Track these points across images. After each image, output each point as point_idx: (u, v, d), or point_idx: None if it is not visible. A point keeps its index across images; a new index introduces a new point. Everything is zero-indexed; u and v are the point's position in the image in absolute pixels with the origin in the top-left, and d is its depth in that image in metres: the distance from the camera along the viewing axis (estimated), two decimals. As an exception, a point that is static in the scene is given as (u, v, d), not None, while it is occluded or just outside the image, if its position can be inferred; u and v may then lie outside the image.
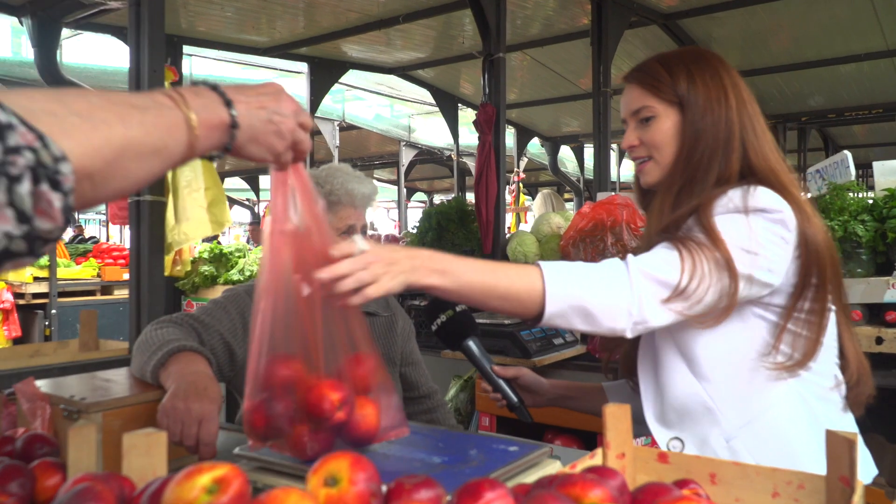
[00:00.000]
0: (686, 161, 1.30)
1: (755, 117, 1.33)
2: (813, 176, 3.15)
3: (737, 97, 1.32)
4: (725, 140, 1.29)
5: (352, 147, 10.45)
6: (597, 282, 1.16)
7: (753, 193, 1.23)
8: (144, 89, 2.64)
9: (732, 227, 1.21)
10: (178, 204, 2.79)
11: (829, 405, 1.31)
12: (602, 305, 1.14)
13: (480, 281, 1.10)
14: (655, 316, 1.16)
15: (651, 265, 1.18)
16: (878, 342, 2.57)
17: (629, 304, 1.14)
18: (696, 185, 1.28)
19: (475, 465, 0.97)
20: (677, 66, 1.33)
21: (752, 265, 1.20)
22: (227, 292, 1.77)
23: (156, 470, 0.90)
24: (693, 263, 1.16)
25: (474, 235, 3.85)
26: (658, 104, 1.33)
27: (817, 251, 1.24)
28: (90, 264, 6.13)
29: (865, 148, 10.02)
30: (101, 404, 1.27)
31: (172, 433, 1.22)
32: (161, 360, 1.40)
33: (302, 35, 5.45)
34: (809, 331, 1.25)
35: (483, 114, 3.81)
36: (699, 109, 1.30)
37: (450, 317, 1.48)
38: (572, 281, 1.15)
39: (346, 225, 1.72)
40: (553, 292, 1.13)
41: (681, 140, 1.31)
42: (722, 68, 1.35)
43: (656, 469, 1.05)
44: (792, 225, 1.23)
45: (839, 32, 5.52)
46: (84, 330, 2.20)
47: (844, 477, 0.88)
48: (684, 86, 1.31)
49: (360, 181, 1.74)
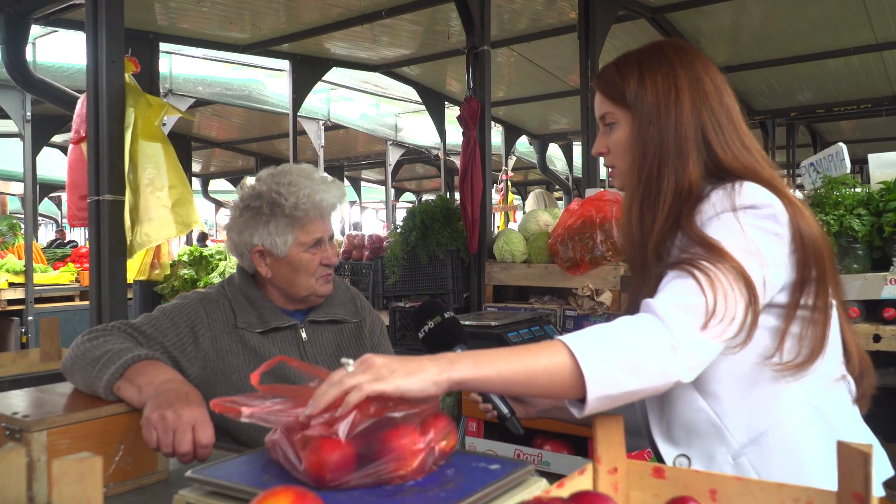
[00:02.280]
0: (638, 169, 1.24)
1: (722, 113, 1.24)
2: (807, 169, 3.08)
3: (696, 94, 1.23)
4: (676, 146, 1.21)
5: (338, 147, 10.36)
6: (627, 336, 1.04)
7: (739, 191, 1.16)
8: (103, 81, 2.54)
9: (727, 232, 1.14)
10: (139, 203, 2.68)
11: (842, 409, 1.26)
12: (644, 352, 1.02)
13: (497, 367, 0.99)
14: (700, 348, 1.05)
15: (673, 297, 1.08)
16: (876, 340, 2.50)
17: (671, 342, 1.03)
18: (653, 196, 1.22)
19: (451, 488, 0.87)
20: (629, 69, 1.26)
21: (762, 265, 1.12)
22: (179, 299, 1.65)
23: (90, 499, 0.80)
24: (711, 282, 1.07)
25: (460, 234, 3.76)
26: (616, 110, 1.27)
27: (814, 244, 1.19)
28: (68, 269, 5.99)
29: (854, 143, 10.01)
30: (46, 422, 1.16)
31: (164, 444, 1.18)
32: (116, 372, 1.29)
33: (284, 31, 5.36)
34: (814, 327, 1.19)
35: (467, 109, 3.71)
36: (646, 115, 1.23)
37: (437, 323, 1.40)
38: (600, 342, 1.03)
39: (314, 239, 1.62)
40: (586, 358, 1.00)
41: (634, 148, 1.26)
42: (680, 64, 1.25)
43: (651, 485, 0.97)
44: (783, 219, 1.17)
45: (828, 26, 5.49)
46: (45, 339, 2.08)
47: (858, 493, 0.80)
48: (633, 90, 1.25)
49: (327, 187, 1.62)
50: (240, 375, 1.57)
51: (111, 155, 2.61)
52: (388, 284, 3.93)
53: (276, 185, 1.60)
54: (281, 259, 1.62)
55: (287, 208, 1.58)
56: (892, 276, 2.48)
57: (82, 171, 2.78)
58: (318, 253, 1.63)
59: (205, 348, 1.56)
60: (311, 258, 1.62)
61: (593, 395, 0.98)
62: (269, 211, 1.59)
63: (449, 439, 0.96)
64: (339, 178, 12.20)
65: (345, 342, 1.74)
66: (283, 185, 1.60)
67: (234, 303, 1.64)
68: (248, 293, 1.66)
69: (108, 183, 2.56)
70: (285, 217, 1.59)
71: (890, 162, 2.75)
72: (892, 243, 2.55)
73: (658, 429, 1.31)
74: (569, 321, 3.09)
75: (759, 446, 1.20)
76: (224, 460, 1.02)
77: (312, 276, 1.63)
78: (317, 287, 1.65)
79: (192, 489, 0.96)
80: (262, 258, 1.64)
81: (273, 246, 1.61)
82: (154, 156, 2.76)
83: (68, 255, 6.64)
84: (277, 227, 1.59)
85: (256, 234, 1.61)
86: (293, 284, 1.64)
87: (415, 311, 1.46)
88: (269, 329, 1.63)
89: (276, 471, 0.96)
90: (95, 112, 2.62)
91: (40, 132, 6.30)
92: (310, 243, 1.61)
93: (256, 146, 10.18)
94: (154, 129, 2.81)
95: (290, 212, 1.58)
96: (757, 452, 1.20)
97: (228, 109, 7.97)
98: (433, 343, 1.42)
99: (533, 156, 9.96)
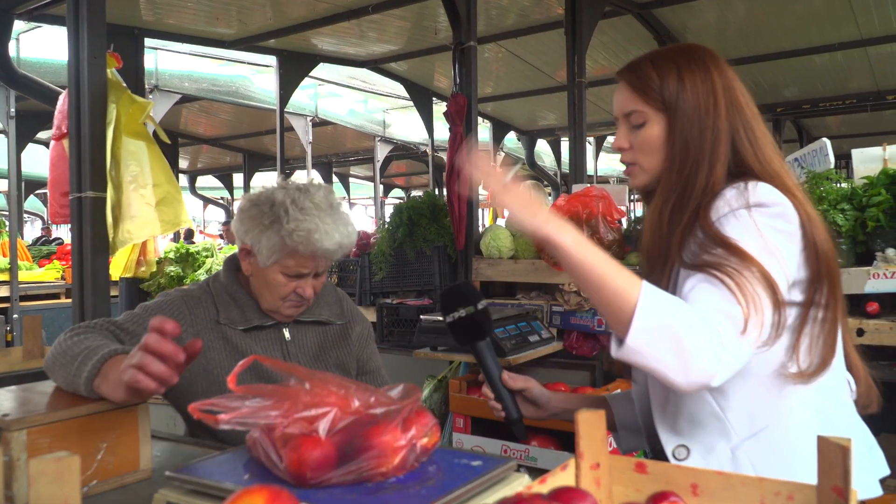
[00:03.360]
0: (678, 172, 1.25)
1: (751, 120, 1.28)
2: (792, 164, 3.09)
3: (728, 100, 1.26)
4: (712, 149, 1.23)
5: (326, 143, 10.33)
6: (690, 315, 1.06)
7: (753, 190, 1.18)
8: (84, 78, 2.51)
9: (744, 231, 1.15)
10: (121, 200, 2.65)
11: (842, 409, 1.28)
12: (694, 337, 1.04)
13: (593, 261, 1.07)
14: (741, 353, 1.08)
15: (712, 304, 1.09)
16: (860, 334, 2.52)
17: (721, 339, 1.05)
18: (687, 195, 1.24)
19: (432, 485, 0.87)
20: (667, 69, 1.26)
21: (781, 265, 1.14)
22: (161, 297, 1.65)
23: (67, 499, 0.79)
24: (742, 289, 1.09)
25: (447, 230, 3.75)
26: (648, 109, 1.27)
27: (827, 258, 1.21)
28: (54, 266, 5.95)
29: (839, 139, 10.08)
30: (25, 421, 1.15)
31: (149, 371, 1.13)
32: (93, 369, 1.28)
33: (270, 27, 5.33)
34: (824, 334, 1.21)
35: (454, 104, 3.70)
36: (687, 118, 1.24)
37: (469, 314, 1.37)
38: (668, 303, 1.07)
39: (296, 271, 1.59)
40: (647, 302, 1.05)
41: (669, 149, 1.26)
42: (715, 68, 1.27)
43: (634, 480, 0.97)
44: (793, 218, 1.19)
45: (814, 22, 5.52)
46: (28, 337, 2.06)
47: (837, 487, 0.80)
48: (673, 91, 1.25)
49: (333, 229, 1.57)
50: (221, 371, 1.57)
51: (93, 151, 2.58)
52: (375, 281, 3.92)
53: (290, 202, 1.56)
54: (259, 268, 1.61)
55: (284, 230, 1.55)
56: (876, 271, 2.50)
57: (64, 167, 2.76)
58: (295, 282, 1.60)
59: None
60: (287, 283, 1.60)
61: (629, 343, 1.04)
62: (268, 222, 1.57)
63: (431, 436, 0.96)
64: (327, 175, 12.21)
65: (328, 343, 1.73)
66: (296, 206, 1.56)
67: (217, 299, 1.64)
68: (232, 291, 1.66)
69: (89, 180, 2.54)
70: (278, 237, 1.56)
71: (873, 157, 2.77)
72: (875, 238, 2.57)
73: (662, 417, 1.31)
74: (556, 317, 3.10)
75: (759, 442, 1.21)
76: (205, 459, 1.01)
77: (280, 299, 1.61)
78: (282, 309, 1.63)
79: (172, 488, 0.95)
80: (247, 257, 1.64)
81: (259, 253, 1.59)
82: (137, 153, 2.74)
83: (54, 253, 6.59)
84: (269, 240, 1.57)
85: (250, 234, 1.60)
86: (261, 294, 1.64)
87: (446, 291, 1.42)
88: (252, 327, 1.63)
89: (257, 469, 0.95)
90: (77, 108, 2.59)
91: (25, 128, 6.24)
92: (291, 272, 1.59)
93: (244, 142, 10.13)
94: (138, 127, 2.79)
95: (284, 234, 1.55)
96: (756, 448, 1.21)
97: (215, 105, 7.93)
98: (459, 332, 1.40)
99: (521, 151, 9.97)
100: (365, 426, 0.90)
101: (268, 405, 0.90)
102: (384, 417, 0.91)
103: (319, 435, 0.87)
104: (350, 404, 0.90)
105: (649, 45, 5.74)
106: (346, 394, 0.90)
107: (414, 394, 0.96)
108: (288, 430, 0.89)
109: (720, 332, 1.05)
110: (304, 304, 1.65)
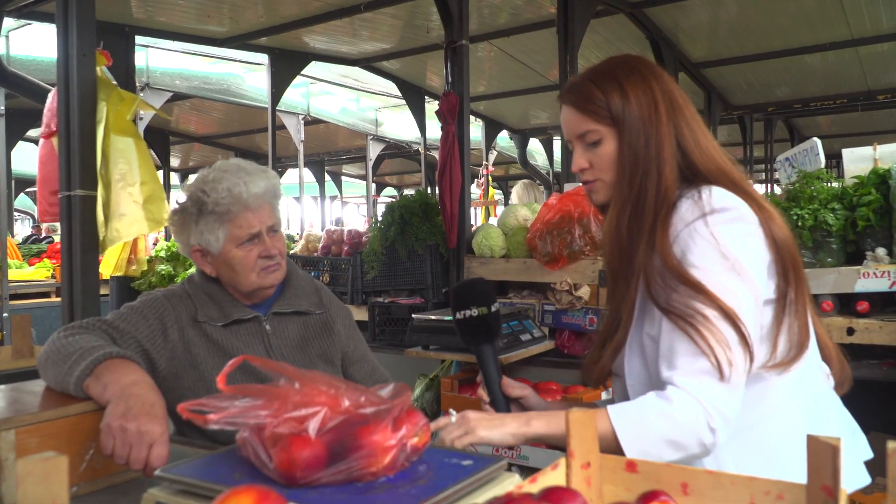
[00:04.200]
0: (629, 181, 1.29)
1: (694, 121, 1.31)
2: (783, 164, 3.10)
3: (669, 105, 1.29)
4: (657, 154, 1.27)
5: (318, 141, 10.31)
6: (665, 415, 1.15)
7: (707, 199, 1.22)
8: (73, 76, 2.50)
9: (704, 255, 1.18)
10: (110, 199, 2.64)
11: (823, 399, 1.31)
12: (681, 432, 1.14)
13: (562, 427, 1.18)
14: (728, 401, 1.15)
15: (685, 366, 1.16)
16: (850, 333, 2.53)
17: (703, 411, 1.13)
18: (642, 202, 1.27)
19: (422, 485, 0.87)
20: (610, 85, 1.30)
21: (747, 283, 1.18)
22: (144, 297, 1.64)
23: (55, 499, 0.78)
24: (707, 338, 1.15)
25: (438, 229, 3.75)
26: (600, 126, 1.30)
27: (786, 246, 1.25)
28: (44, 265, 5.91)
29: (831, 138, 10.13)
30: (13, 420, 1.14)
31: (119, 456, 1.17)
32: (87, 369, 1.28)
33: (262, 25, 5.31)
34: (798, 320, 1.25)
35: (446, 103, 3.70)
36: (634, 128, 1.28)
37: (483, 314, 1.36)
38: (640, 420, 1.16)
39: (247, 234, 1.58)
40: (624, 434, 1.15)
41: (621, 161, 1.30)
42: (653, 77, 1.31)
43: (624, 479, 0.97)
44: (750, 218, 1.23)
45: (805, 22, 5.54)
46: (17, 336, 2.05)
47: (827, 486, 0.81)
48: (619, 105, 1.29)
49: (250, 178, 1.58)
50: (205, 367, 1.57)
51: (82, 150, 2.57)
52: (367, 280, 3.91)
53: (200, 184, 1.59)
54: (218, 257, 1.61)
55: (209, 205, 1.56)
56: (866, 270, 2.51)
57: (53, 165, 2.74)
58: (255, 247, 1.59)
59: (173, 340, 1.56)
60: (246, 254, 1.59)
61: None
62: (196, 210, 1.58)
63: (421, 436, 0.96)
64: (319, 173, 12.17)
65: (310, 334, 1.73)
66: (207, 182, 1.58)
67: (195, 298, 1.64)
68: (207, 289, 1.65)
69: (79, 178, 2.52)
70: (210, 214, 1.57)
71: (863, 156, 2.78)
72: (865, 237, 2.58)
73: None
74: (547, 315, 3.10)
75: (740, 442, 1.22)
76: (194, 458, 1.01)
77: (252, 272, 1.60)
78: (259, 281, 1.62)
79: (161, 488, 0.95)
80: (204, 258, 1.63)
81: (208, 244, 1.60)
82: (126, 150, 2.73)
83: (44, 251, 6.54)
84: (207, 225, 1.58)
85: (191, 234, 1.60)
86: (236, 282, 1.62)
87: (461, 286, 1.41)
88: (231, 322, 1.62)
89: (247, 469, 0.95)
90: (66, 106, 2.57)
91: (15, 126, 6.20)
92: (243, 238, 1.58)
93: (236, 141, 10.10)
94: (126, 124, 2.77)
95: (212, 208, 1.56)
96: (738, 448, 1.22)
97: (207, 104, 7.90)
98: (466, 331, 1.39)
99: (514, 150, 9.97)
100: (355, 426, 0.90)
101: (257, 405, 0.90)
102: (374, 417, 0.91)
103: (309, 435, 0.87)
104: (340, 404, 0.89)
105: (641, 44, 5.75)
106: (336, 393, 0.90)
107: (404, 393, 0.96)
108: (278, 430, 0.89)
109: (701, 403, 1.13)
110: (277, 264, 1.63)
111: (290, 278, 1.74)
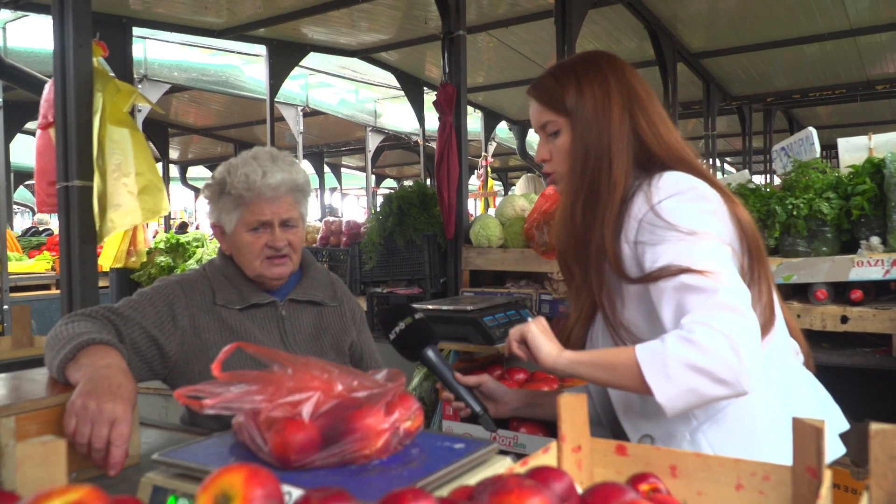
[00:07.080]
0: (580, 171, 1.33)
1: (654, 113, 1.35)
2: (778, 153, 3.11)
3: (626, 98, 1.33)
4: (609, 146, 1.31)
5: (317, 133, 10.30)
6: (680, 342, 1.15)
7: (658, 184, 1.25)
8: (70, 67, 2.51)
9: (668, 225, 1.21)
10: (106, 189, 2.65)
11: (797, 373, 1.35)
12: (701, 349, 1.12)
13: (592, 360, 1.24)
14: (747, 324, 1.14)
15: (694, 307, 1.16)
16: (843, 321, 2.55)
17: (724, 332, 1.12)
18: (594, 192, 1.32)
19: (414, 467, 0.89)
20: (567, 79, 1.36)
21: (712, 233, 1.21)
22: (158, 282, 1.66)
23: (54, 482, 0.80)
24: (704, 275, 1.16)
25: (436, 220, 3.76)
26: (557, 118, 1.36)
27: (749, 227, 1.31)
28: (44, 257, 5.91)
29: (829, 129, 10.13)
30: (13, 407, 1.16)
31: (80, 434, 1.14)
32: (69, 354, 1.29)
33: (260, 16, 5.29)
34: (763, 297, 1.29)
35: (443, 94, 3.70)
36: (587, 121, 1.33)
37: (408, 324, 1.45)
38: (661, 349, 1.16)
39: (257, 220, 1.60)
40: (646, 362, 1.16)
41: (573, 152, 1.34)
42: (611, 71, 1.36)
43: (615, 462, 0.99)
44: (712, 196, 1.27)
45: (804, 12, 5.52)
46: (17, 326, 2.07)
47: (811, 467, 0.82)
48: (573, 98, 1.34)
49: (270, 168, 1.60)
50: (216, 352, 1.57)
51: (79, 140, 2.58)
52: (366, 270, 3.92)
53: (229, 165, 1.63)
54: (229, 237, 1.66)
55: (229, 186, 1.60)
56: (860, 259, 2.52)
57: (51, 156, 2.75)
58: (263, 235, 1.62)
59: (182, 326, 1.58)
60: (254, 240, 1.61)
61: (664, 403, 1.14)
62: (219, 189, 1.63)
63: (414, 419, 0.97)
64: (318, 165, 12.17)
65: (324, 325, 1.75)
66: (233, 164, 1.63)
67: (213, 282, 1.66)
68: (227, 272, 1.68)
69: (76, 169, 2.53)
70: (228, 195, 1.61)
71: (858, 146, 2.79)
72: (859, 226, 2.59)
73: (624, 410, 1.35)
74: (544, 305, 3.11)
75: (716, 423, 1.25)
76: (191, 443, 1.02)
77: (257, 259, 1.62)
78: (262, 269, 1.63)
79: (159, 472, 0.96)
80: (220, 235, 1.69)
81: (224, 223, 1.65)
82: (121, 141, 2.73)
83: (44, 244, 6.55)
84: (225, 205, 1.63)
85: (213, 210, 1.66)
86: (243, 264, 1.66)
87: (383, 316, 1.49)
88: (249, 306, 1.65)
89: (243, 453, 0.96)
90: (63, 97, 2.58)
91: (13, 119, 6.20)
92: (253, 224, 1.61)
93: (235, 132, 10.09)
94: (122, 115, 2.78)
95: (230, 190, 1.60)
96: (713, 429, 1.25)
97: (206, 95, 7.89)
98: (404, 343, 1.46)
99: (513, 141, 9.96)
100: (348, 409, 0.91)
101: (253, 390, 0.91)
102: (368, 401, 0.92)
103: (303, 418, 0.89)
104: (333, 388, 0.91)
105: (639, 34, 5.74)
106: (329, 378, 0.92)
107: (398, 378, 0.98)
108: (272, 414, 0.90)
109: (721, 330, 1.12)
110: (283, 258, 1.65)
111: (308, 269, 1.77)
